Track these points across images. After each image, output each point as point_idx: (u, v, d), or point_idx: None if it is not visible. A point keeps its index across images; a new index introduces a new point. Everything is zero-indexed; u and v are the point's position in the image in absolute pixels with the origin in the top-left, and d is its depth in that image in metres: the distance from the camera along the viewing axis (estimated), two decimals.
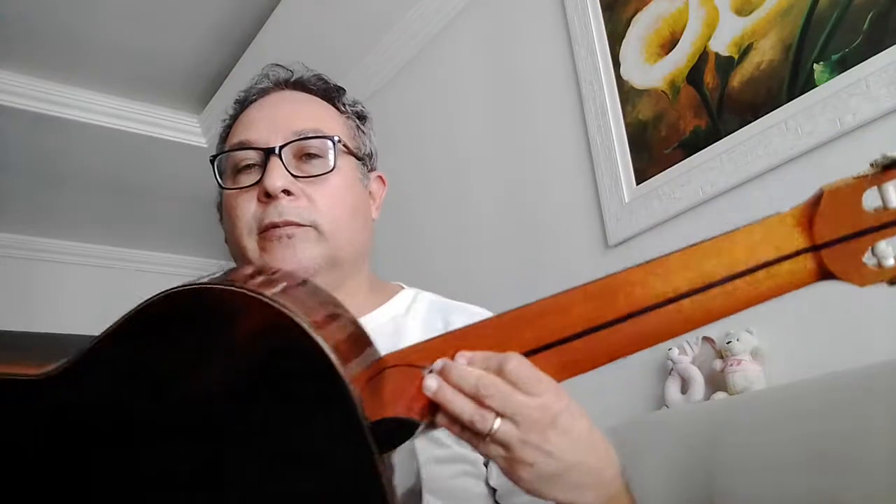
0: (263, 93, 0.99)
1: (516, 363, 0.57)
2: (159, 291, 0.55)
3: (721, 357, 1.47)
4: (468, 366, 0.58)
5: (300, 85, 1.01)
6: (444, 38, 2.50)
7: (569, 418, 0.60)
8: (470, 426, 0.56)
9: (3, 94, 2.92)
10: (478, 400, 0.56)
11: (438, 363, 0.58)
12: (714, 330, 1.52)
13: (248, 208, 0.91)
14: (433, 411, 0.59)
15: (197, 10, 2.71)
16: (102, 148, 3.29)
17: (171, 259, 4.48)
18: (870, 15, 1.37)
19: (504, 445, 0.57)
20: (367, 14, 2.59)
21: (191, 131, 3.37)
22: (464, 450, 0.84)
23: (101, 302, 4.18)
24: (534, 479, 0.58)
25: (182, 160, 3.44)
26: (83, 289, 4.18)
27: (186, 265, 4.54)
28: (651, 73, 1.78)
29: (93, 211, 3.84)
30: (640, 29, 1.82)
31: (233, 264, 0.99)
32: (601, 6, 1.92)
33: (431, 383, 0.57)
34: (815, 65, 1.44)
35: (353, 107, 1.03)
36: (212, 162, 0.96)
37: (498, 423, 0.56)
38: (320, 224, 0.90)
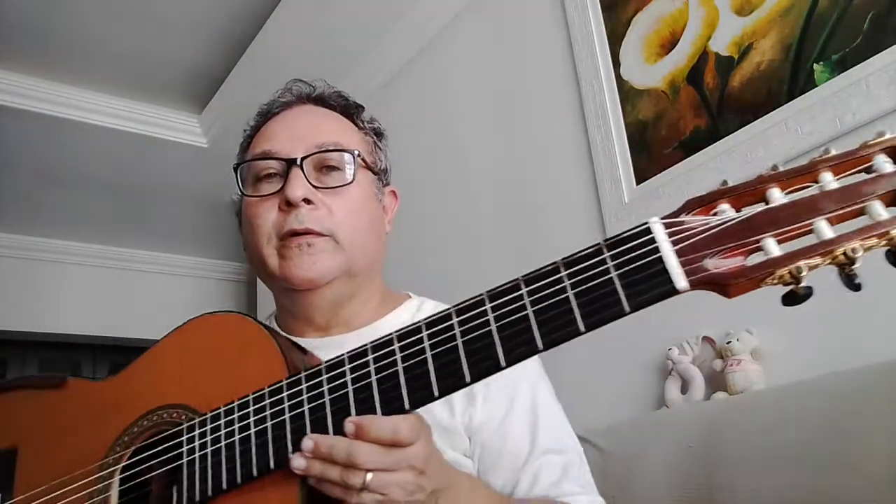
0: (286, 106, 1.03)
1: (380, 426, 0.64)
2: None
3: (721, 357, 1.47)
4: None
5: (321, 100, 1.05)
6: (445, 39, 2.50)
7: (436, 455, 0.69)
8: (343, 485, 0.64)
9: (3, 94, 2.92)
10: (346, 464, 0.64)
11: (306, 443, 0.65)
12: (714, 330, 1.52)
13: (268, 216, 0.94)
14: None
15: (197, 10, 2.71)
16: (102, 148, 3.29)
17: (170, 259, 4.49)
18: (870, 15, 1.37)
19: (380, 492, 0.64)
20: (367, 14, 2.59)
21: (191, 131, 3.37)
22: (455, 454, 0.88)
23: (101, 302, 4.20)
24: None
25: (182, 160, 3.44)
26: (83, 289, 4.18)
27: (186, 265, 4.55)
28: (651, 73, 1.78)
29: (93, 211, 3.85)
30: (640, 29, 1.82)
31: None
32: (601, 6, 1.92)
33: (299, 462, 0.65)
34: (815, 65, 1.44)
35: (371, 123, 1.07)
36: (235, 170, 1.00)
37: (370, 476, 0.64)
38: (338, 234, 0.94)
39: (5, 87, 2.92)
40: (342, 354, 0.68)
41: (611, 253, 0.60)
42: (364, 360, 0.67)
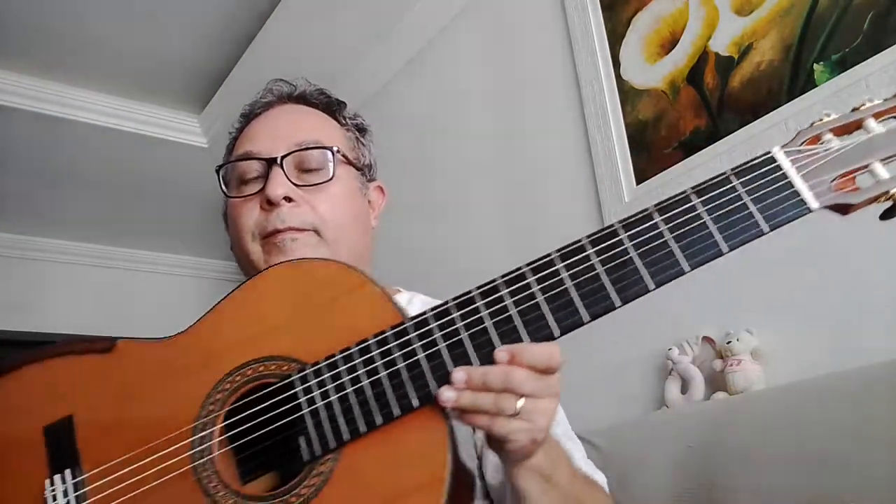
0: (267, 106, 1.04)
1: (536, 351, 0.66)
2: None
3: (721, 357, 1.47)
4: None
5: (302, 99, 1.05)
6: (445, 39, 2.50)
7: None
8: (497, 412, 0.65)
9: (3, 94, 2.92)
10: (503, 390, 0.65)
11: (457, 375, 0.66)
12: (714, 330, 1.52)
13: (251, 216, 0.95)
14: None
15: (197, 10, 2.71)
16: (102, 148, 3.28)
17: (171, 259, 4.48)
18: (870, 15, 1.37)
19: (527, 419, 0.66)
20: (366, 14, 2.59)
21: (191, 131, 3.37)
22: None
23: (102, 302, 4.19)
24: (538, 441, 0.68)
25: (182, 160, 3.44)
26: (83, 289, 4.18)
27: (186, 265, 4.54)
28: (651, 73, 1.78)
29: (93, 211, 3.84)
30: (640, 29, 1.82)
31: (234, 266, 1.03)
32: (601, 6, 1.92)
33: (449, 395, 0.65)
34: (815, 65, 1.44)
35: (354, 120, 1.08)
36: (217, 172, 1.01)
37: (522, 401, 0.65)
38: (321, 229, 0.94)
39: (5, 87, 2.92)
40: (470, 291, 0.69)
41: (740, 180, 0.67)
42: (497, 294, 0.68)
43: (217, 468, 0.71)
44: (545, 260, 0.68)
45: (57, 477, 0.72)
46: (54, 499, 0.71)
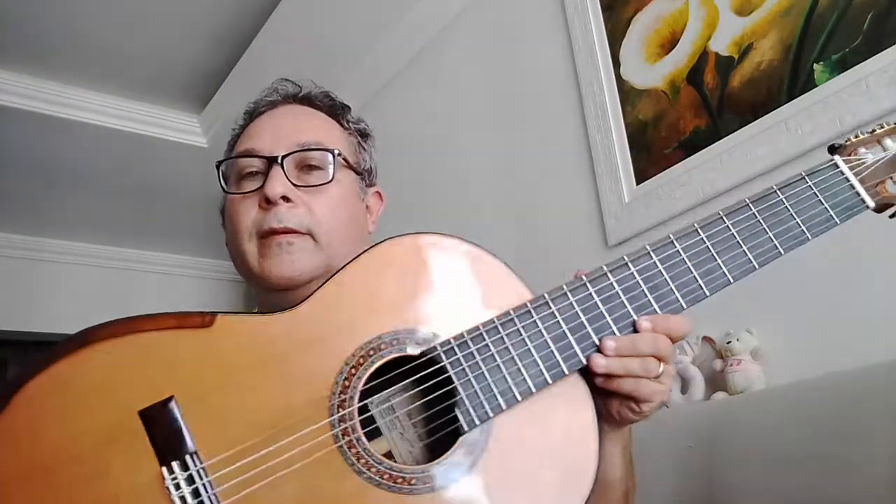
0: (271, 105, 1.04)
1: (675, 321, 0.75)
2: None
3: (721, 357, 1.47)
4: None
5: (307, 100, 1.05)
6: (445, 39, 2.50)
7: None
8: (644, 375, 0.73)
9: (3, 94, 2.92)
10: (649, 355, 0.73)
11: (609, 343, 0.72)
12: (714, 330, 1.52)
13: (249, 213, 0.95)
14: None
15: (197, 10, 2.71)
16: (102, 148, 3.29)
17: (170, 259, 4.48)
18: (870, 15, 1.37)
19: (663, 382, 0.74)
20: (367, 15, 2.59)
21: (191, 131, 3.37)
22: None
23: (102, 302, 4.19)
24: (664, 403, 0.77)
25: (182, 160, 3.44)
26: (83, 289, 4.18)
27: (186, 265, 4.54)
28: (651, 73, 1.78)
29: (93, 211, 3.84)
30: (640, 29, 1.82)
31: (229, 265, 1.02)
32: (601, 6, 1.92)
33: (601, 361, 0.72)
34: (815, 65, 1.44)
35: (357, 124, 1.08)
36: (217, 167, 1.00)
37: (662, 366, 0.74)
38: (316, 232, 0.94)
39: (5, 87, 2.92)
40: (601, 269, 0.76)
41: (813, 181, 0.80)
42: (627, 272, 0.76)
43: (366, 445, 0.69)
44: (665, 242, 0.78)
45: (175, 464, 0.66)
46: (178, 487, 0.65)
